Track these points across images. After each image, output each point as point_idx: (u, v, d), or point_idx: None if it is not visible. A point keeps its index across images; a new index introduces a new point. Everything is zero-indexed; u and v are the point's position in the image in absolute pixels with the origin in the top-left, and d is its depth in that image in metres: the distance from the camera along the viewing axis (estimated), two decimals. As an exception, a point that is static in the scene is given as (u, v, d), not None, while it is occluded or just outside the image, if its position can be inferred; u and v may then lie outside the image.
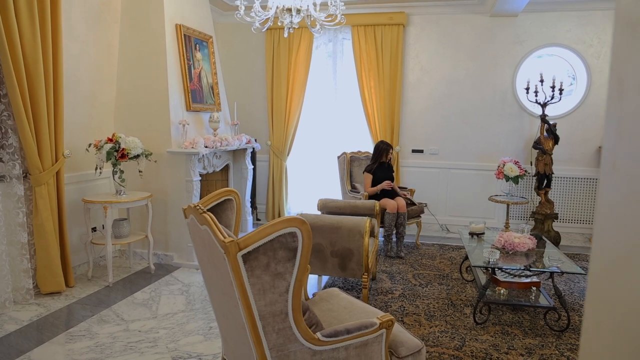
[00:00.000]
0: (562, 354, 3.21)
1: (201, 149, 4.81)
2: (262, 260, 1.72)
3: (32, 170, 3.95)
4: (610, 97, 0.61)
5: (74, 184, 4.57)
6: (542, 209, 5.98)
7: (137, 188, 4.91)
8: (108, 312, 3.80)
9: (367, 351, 2.01)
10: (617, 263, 0.66)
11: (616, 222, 0.63)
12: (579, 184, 6.29)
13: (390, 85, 6.39)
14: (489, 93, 6.40)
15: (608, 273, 0.70)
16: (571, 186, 6.31)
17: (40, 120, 3.93)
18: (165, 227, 5.00)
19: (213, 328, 3.53)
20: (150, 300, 4.06)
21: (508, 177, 5.64)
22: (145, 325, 3.57)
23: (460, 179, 6.58)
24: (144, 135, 4.80)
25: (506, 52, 6.29)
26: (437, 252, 5.62)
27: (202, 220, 1.88)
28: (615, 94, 0.59)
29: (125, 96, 5.03)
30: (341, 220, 3.80)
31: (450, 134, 6.55)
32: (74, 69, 4.51)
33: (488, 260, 3.66)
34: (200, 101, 5.41)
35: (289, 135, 6.72)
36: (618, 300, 0.67)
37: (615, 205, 0.62)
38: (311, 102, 6.83)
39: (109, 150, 4.32)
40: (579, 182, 6.29)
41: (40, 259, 4.04)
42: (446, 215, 6.62)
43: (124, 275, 4.67)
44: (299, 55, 6.58)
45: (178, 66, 5.08)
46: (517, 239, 3.98)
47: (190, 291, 4.29)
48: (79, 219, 4.60)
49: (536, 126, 6.21)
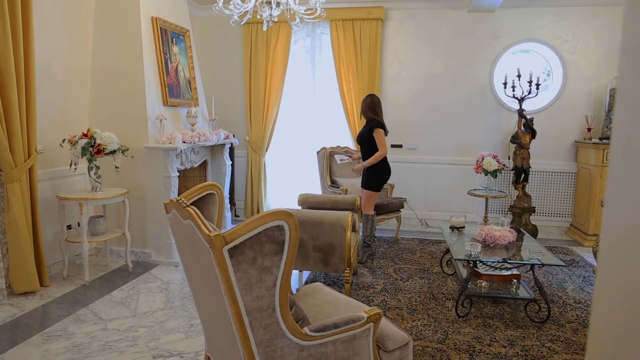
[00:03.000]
0: (544, 345, 3.25)
1: (179, 144, 4.72)
2: (248, 254, 1.67)
3: (4, 166, 3.81)
4: (623, 77, 0.59)
5: (48, 181, 4.43)
6: (519, 203, 6.05)
7: (113, 184, 4.79)
8: (85, 311, 3.70)
9: (355, 345, 1.99)
10: (629, 243, 0.64)
11: (628, 203, 0.62)
12: (555, 178, 6.39)
13: (369, 80, 6.38)
14: (467, 88, 6.45)
15: (618, 253, 0.68)
16: (547, 180, 6.41)
17: (11, 114, 3.79)
18: (143, 224, 4.90)
19: (194, 326, 3.47)
20: (128, 299, 3.97)
21: (487, 171, 5.70)
22: (124, 324, 3.48)
23: (438, 173, 6.62)
24: (119, 130, 4.68)
25: (484, 48, 6.34)
26: (417, 247, 5.65)
27: (186, 214, 1.83)
28: (629, 73, 0.57)
29: (100, 90, 4.90)
30: (323, 215, 3.77)
31: (429, 129, 6.58)
32: (46, 61, 4.37)
33: (470, 254, 3.68)
34: (177, 96, 5.31)
35: (268, 131, 6.66)
36: (629, 281, 0.66)
37: (628, 185, 0.60)
38: (290, 98, 6.78)
39: (84, 146, 4.19)
40: (555, 176, 6.39)
41: (13, 257, 3.91)
42: (425, 210, 6.66)
43: (100, 273, 4.56)
44: (277, 50, 6.51)
45: (154, 60, 4.97)
46: (497, 232, 4.02)
47: (170, 289, 4.21)
48: (53, 217, 4.46)
49: (513, 121, 6.28)
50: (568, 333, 3.44)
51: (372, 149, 4.80)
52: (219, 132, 5.60)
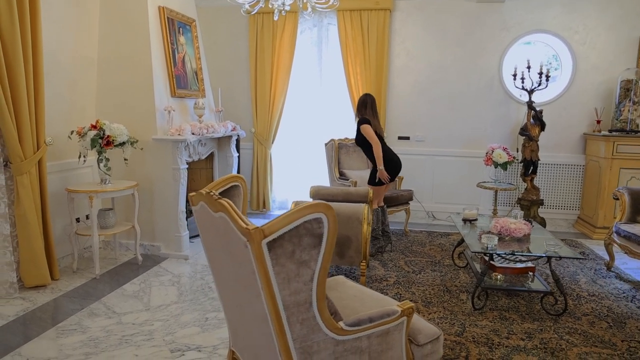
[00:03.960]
0: (562, 338, 3.23)
1: (188, 136, 4.66)
2: (287, 247, 1.63)
3: (13, 158, 3.74)
4: None
5: (56, 173, 4.37)
6: (528, 195, 6.03)
7: (121, 177, 4.73)
8: (98, 304, 3.66)
9: (389, 339, 1.96)
10: None
11: None
12: (563, 170, 6.37)
13: (377, 71, 6.32)
14: (475, 79, 6.39)
15: None
16: (555, 172, 6.38)
17: (20, 105, 3.72)
18: (152, 217, 4.84)
19: (209, 319, 3.43)
20: (140, 292, 3.92)
21: (497, 164, 5.66)
22: (138, 318, 3.44)
23: (446, 165, 6.58)
24: (127, 121, 4.59)
25: (493, 39, 6.28)
26: (425, 239, 5.62)
27: (218, 207, 1.78)
28: None
29: (107, 81, 4.82)
30: (338, 208, 3.73)
31: (437, 121, 6.53)
32: (52, 50, 4.28)
33: (486, 246, 3.65)
34: (184, 87, 5.24)
35: (274, 123, 6.59)
36: None
37: None
38: (296, 89, 6.69)
39: (94, 138, 4.13)
40: (563, 169, 6.36)
41: (24, 251, 3.85)
42: (432, 202, 6.62)
43: (110, 266, 4.51)
44: (283, 40, 6.43)
45: (162, 50, 4.89)
46: (513, 224, 3.99)
47: (182, 282, 4.17)
48: (61, 210, 4.40)
49: (522, 113, 6.24)
50: (585, 326, 3.42)
51: (370, 148, 4.73)
52: (226, 124, 5.54)
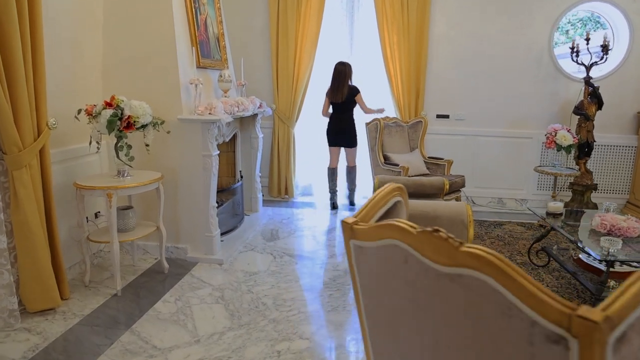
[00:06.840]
0: None
1: (221, 114, 3.82)
2: (634, 342, 0.91)
3: (9, 147, 2.84)
4: None
5: (58, 164, 3.46)
6: (581, 180, 5.47)
7: (138, 166, 3.83)
8: (130, 336, 2.85)
9: None
10: None
11: None
12: (613, 152, 5.83)
13: (416, 41, 5.55)
14: (522, 52, 5.71)
15: None
16: (606, 154, 5.84)
17: (16, 78, 2.81)
18: (175, 214, 4.01)
19: (282, 353, 2.69)
20: (179, 314, 3.13)
21: (560, 147, 5.04)
22: (190, 356, 2.66)
23: (487, 147, 5.93)
24: (142, 97, 3.62)
25: (542, 7, 5.59)
26: (480, 230, 5.00)
27: (467, 261, 1.02)
28: None
29: (117, 48, 3.90)
30: (438, 208, 3.00)
31: (478, 98, 5.84)
32: (49, 7, 3.33)
33: (608, 252, 3.04)
34: (207, 56, 4.35)
35: (298, 99, 5.75)
36: None
37: None
38: (323, 61, 5.82)
39: (110, 119, 3.24)
40: (613, 150, 5.82)
41: (25, 267, 2.99)
42: (471, 186, 5.97)
43: (130, 277, 3.67)
44: (309, 5, 5.54)
45: (183, 9, 3.98)
46: (624, 222, 3.40)
47: (226, 297, 3.39)
48: (66, 208, 3.52)
49: (573, 89, 5.63)
50: None
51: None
52: (254, 100, 4.69)
